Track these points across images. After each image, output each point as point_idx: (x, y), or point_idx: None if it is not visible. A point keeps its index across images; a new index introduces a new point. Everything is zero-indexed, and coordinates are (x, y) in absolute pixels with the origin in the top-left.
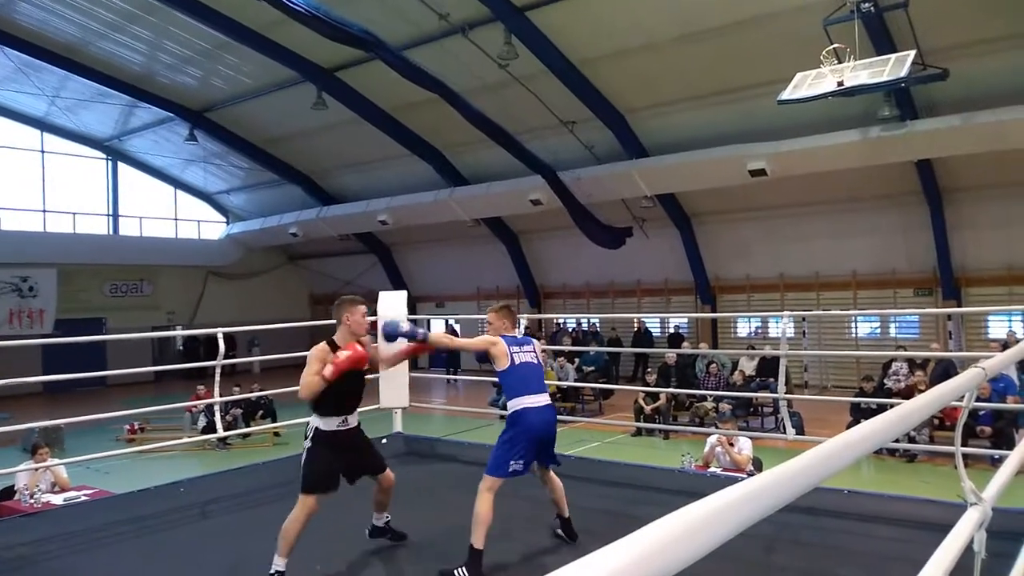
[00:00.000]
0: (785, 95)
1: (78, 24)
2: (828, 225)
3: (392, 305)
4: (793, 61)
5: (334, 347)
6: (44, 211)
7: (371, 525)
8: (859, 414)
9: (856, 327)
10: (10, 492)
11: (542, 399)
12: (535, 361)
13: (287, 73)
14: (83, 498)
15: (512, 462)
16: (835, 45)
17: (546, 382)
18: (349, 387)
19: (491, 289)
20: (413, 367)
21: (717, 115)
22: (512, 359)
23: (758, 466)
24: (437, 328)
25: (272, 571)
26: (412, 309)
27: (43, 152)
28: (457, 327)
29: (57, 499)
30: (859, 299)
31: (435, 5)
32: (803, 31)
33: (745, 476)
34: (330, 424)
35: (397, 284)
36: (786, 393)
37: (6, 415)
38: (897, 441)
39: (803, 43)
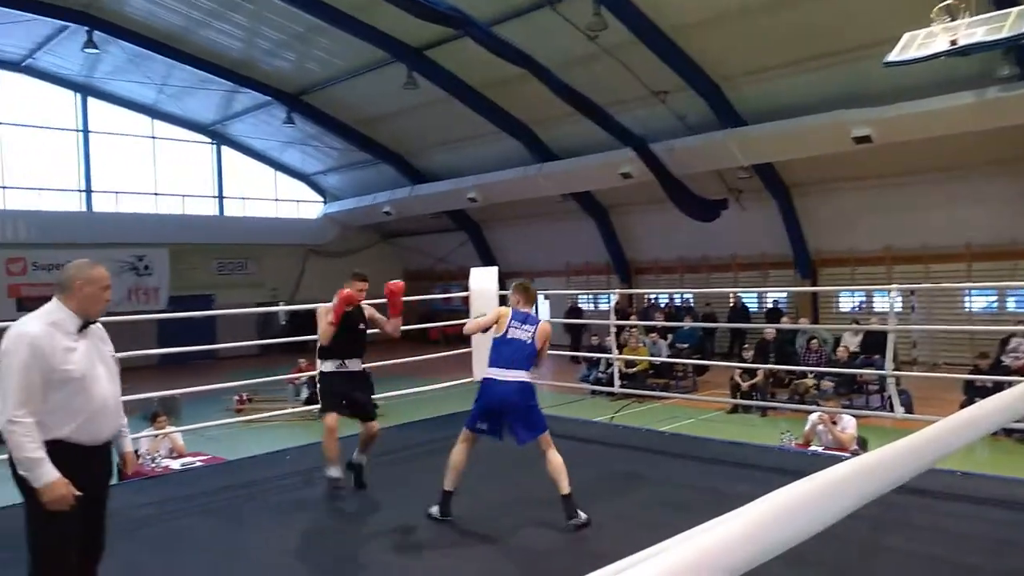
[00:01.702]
0: (892, 57)
1: (181, 14)
2: (939, 194)
3: (483, 281)
4: (900, 20)
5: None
6: (156, 194)
7: (350, 459)
8: (973, 393)
9: (970, 301)
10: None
11: (509, 374)
12: (527, 340)
13: (378, 54)
14: (198, 464)
15: (478, 422)
16: (948, 0)
17: (636, 357)
18: (346, 337)
19: (580, 264)
20: None
21: (818, 80)
22: (506, 332)
23: (863, 445)
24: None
25: (328, 474)
26: (502, 285)
27: (154, 138)
28: (547, 303)
29: (175, 464)
30: (974, 271)
31: None
32: None
33: (849, 456)
34: (329, 367)
35: (487, 261)
36: (894, 370)
37: (125, 386)
38: (1018, 421)
39: (910, 0)
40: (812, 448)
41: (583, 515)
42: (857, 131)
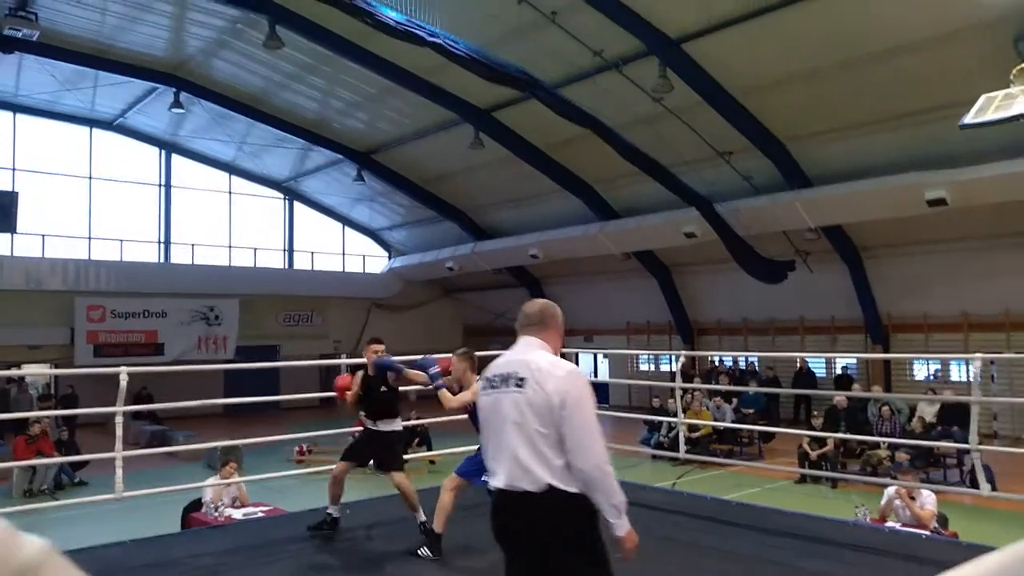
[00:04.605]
0: (968, 119)
1: (263, 76)
2: (1020, 259)
3: None
4: (974, 82)
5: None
6: (230, 247)
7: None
8: None
9: None
10: (197, 504)
11: None
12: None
13: (446, 115)
14: (260, 514)
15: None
16: None
17: (699, 422)
18: (367, 402)
19: (641, 323)
20: None
21: (889, 142)
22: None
23: (943, 523)
24: (585, 361)
25: (327, 515)
26: None
27: (230, 193)
28: (606, 362)
29: (237, 513)
30: None
31: (589, 42)
32: (986, 50)
33: (928, 533)
34: (365, 423)
35: None
36: (978, 443)
37: (191, 433)
38: None
39: (986, 62)
40: (889, 524)
41: None
42: (931, 194)
